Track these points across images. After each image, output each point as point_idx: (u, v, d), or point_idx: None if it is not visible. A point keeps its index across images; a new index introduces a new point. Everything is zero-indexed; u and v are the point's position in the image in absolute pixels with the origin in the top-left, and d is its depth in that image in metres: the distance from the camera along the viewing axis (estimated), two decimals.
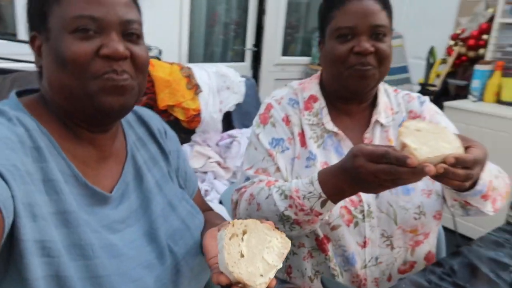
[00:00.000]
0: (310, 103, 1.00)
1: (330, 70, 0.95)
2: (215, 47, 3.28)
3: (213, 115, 2.27)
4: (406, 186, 0.90)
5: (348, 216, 0.90)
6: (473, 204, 0.84)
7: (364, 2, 0.87)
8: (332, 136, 0.97)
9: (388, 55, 0.89)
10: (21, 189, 0.52)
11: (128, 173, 0.73)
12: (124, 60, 0.63)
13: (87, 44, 0.61)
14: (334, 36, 0.89)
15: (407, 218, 0.90)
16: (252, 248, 0.59)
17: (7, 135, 0.55)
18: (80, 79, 0.61)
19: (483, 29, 2.89)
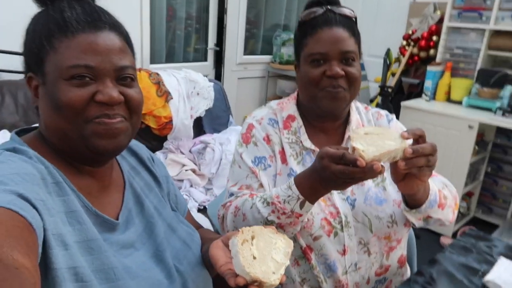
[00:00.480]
0: (289, 122, 1.07)
1: (305, 92, 1.02)
2: (177, 46, 3.23)
3: (184, 121, 2.27)
4: (379, 197, 1.01)
5: (328, 227, 0.98)
6: (433, 216, 0.96)
7: (334, 30, 0.95)
8: (310, 152, 1.04)
9: (357, 78, 0.97)
10: (50, 221, 0.55)
11: (129, 200, 0.77)
12: (118, 104, 0.66)
13: (83, 90, 0.63)
14: (308, 61, 0.97)
15: (381, 227, 1.00)
16: (261, 250, 0.68)
17: (32, 172, 0.58)
18: (73, 123, 0.64)
19: (432, 31, 3.10)
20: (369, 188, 1.02)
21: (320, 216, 0.98)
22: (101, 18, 0.67)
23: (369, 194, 1.01)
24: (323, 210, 0.99)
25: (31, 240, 0.48)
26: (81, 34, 0.64)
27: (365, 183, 1.01)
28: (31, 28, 0.67)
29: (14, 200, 0.50)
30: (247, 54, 3.66)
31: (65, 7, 0.65)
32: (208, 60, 3.40)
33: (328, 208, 0.99)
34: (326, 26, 0.96)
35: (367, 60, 3.80)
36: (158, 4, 2.97)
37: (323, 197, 0.98)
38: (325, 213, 0.98)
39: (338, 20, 0.96)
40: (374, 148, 0.75)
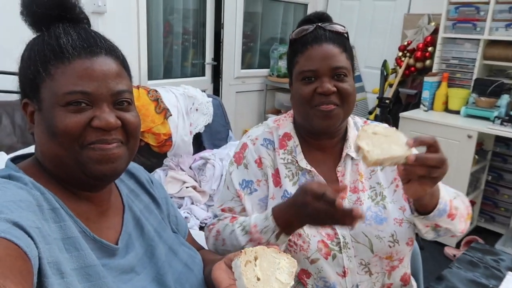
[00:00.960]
0: (285, 141, 1.05)
1: (298, 110, 1.01)
2: (174, 62, 3.24)
3: (184, 138, 2.26)
4: (379, 216, 0.97)
5: (326, 250, 0.95)
6: (442, 225, 0.93)
7: (324, 47, 0.94)
8: (306, 173, 1.02)
9: (350, 93, 0.95)
10: (46, 249, 0.54)
11: (128, 223, 0.76)
12: (115, 129, 0.65)
13: (80, 116, 0.63)
14: (299, 78, 0.97)
15: (382, 246, 0.96)
16: (265, 271, 0.67)
17: (27, 199, 0.57)
18: (69, 149, 0.63)
19: (427, 42, 3.13)
20: (369, 207, 0.99)
21: (317, 238, 0.96)
22: (97, 43, 0.66)
23: (368, 213, 0.98)
24: (319, 232, 0.97)
25: (25, 269, 0.48)
26: (77, 60, 0.63)
27: (364, 202, 0.99)
28: (26, 55, 0.66)
29: (8, 228, 0.49)
30: (244, 68, 3.68)
31: (60, 33, 0.64)
32: (206, 75, 3.41)
33: (325, 229, 0.97)
34: (316, 43, 0.95)
35: (364, 71, 3.83)
36: (154, 19, 2.99)
37: None
38: (321, 235, 0.96)
39: (328, 37, 0.95)
40: (378, 151, 0.75)
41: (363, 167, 1.03)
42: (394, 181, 1.02)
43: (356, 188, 1.00)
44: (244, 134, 1.14)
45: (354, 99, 0.98)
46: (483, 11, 2.74)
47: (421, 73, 3.21)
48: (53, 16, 0.65)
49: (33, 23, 0.66)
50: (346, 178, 1.01)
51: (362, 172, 1.02)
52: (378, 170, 1.03)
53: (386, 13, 3.62)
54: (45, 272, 0.52)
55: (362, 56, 3.82)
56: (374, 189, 1.01)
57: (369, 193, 1.01)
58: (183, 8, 3.19)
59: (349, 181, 1.01)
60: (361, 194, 1.00)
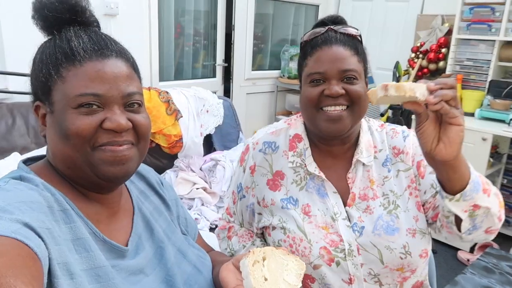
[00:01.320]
0: (295, 142, 1.03)
1: (305, 113, 0.98)
2: (185, 63, 3.25)
3: (194, 139, 2.27)
4: (391, 226, 0.94)
5: (328, 256, 0.93)
6: (481, 204, 0.80)
7: (333, 49, 0.92)
8: (315, 178, 0.99)
9: (360, 95, 0.91)
10: (56, 250, 0.55)
11: (138, 225, 0.76)
12: (126, 131, 0.66)
13: (91, 118, 0.63)
14: (307, 81, 0.94)
15: (393, 258, 0.92)
16: (273, 272, 0.66)
17: (38, 200, 0.58)
18: (81, 150, 0.64)
19: (441, 43, 3.09)
20: (380, 216, 0.95)
21: (320, 244, 0.93)
22: (107, 46, 0.67)
23: (379, 223, 0.94)
24: (323, 238, 0.94)
25: (36, 269, 0.48)
26: (88, 63, 0.64)
27: (374, 211, 0.95)
28: (38, 58, 0.67)
29: (19, 229, 0.50)
30: (255, 69, 3.68)
31: (72, 36, 0.65)
32: (216, 76, 3.42)
33: (330, 236, 0.94)
34: (326, 45, 0.92)
35: (376, 72, 3.79)
36: (166, 21, 3.00)
37: (325, 225, 0.95)
38: (325, 241, 0.94)
39: (339, 39, 0.93)
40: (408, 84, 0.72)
41: (375, 173, 0.99)
42: (408, 188, 0.97)
43: (366, 195, 0.97)
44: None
45: (366, 103, 0.94)
46: (498, 12, 2.69)
47: (434, 74, 3.17)
48: (64, 20, 0.66)
49: (45, 27, 0.67)
50: (356, 185, 0.98)
51: (373, 179, 0.98)
52: (391, 177, 0.98)
53: (398, 14, 3.58)
54: (55, 273, 0.53)
55: (374, 57, 3.78)
56: (387, 196, 0.97)
57: (381, 201, 0.97)
58: (194, 10, 3.20)
59: (359, 188, 0.98)
60: (371, 202, 0.96)
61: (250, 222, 1.10)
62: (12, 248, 0.47)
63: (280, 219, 0.99)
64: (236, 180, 1.10)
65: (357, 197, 0.97)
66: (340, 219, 0.96)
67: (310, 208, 0.98)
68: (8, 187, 0.58)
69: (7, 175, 0.64)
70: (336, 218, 0.95)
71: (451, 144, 0.73)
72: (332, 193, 0.98)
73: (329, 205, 0.97)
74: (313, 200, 0.98)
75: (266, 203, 1.02)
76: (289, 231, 0.97)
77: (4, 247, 0.46)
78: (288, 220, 0.98)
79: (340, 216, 0.96)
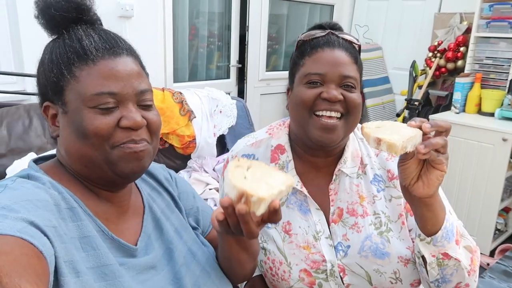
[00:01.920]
0: (277, 154, 0.97)
1: (295, 117, 0.91)
2: (199, 64, 3.27)
3: (207, 140, 2.27)
4: (380, 249, 0.87)
5: (309, 279, 0.90)
6: (451, 254, 0.78)
7: (336, 52, 0.87)
8: (297, 193, 0.94)
9: (357, 104, 0.87)
10: (62, 248, 0.55)
11: (148, 225, 0.76)
12: (142, 128, 0.66)
13: (108, 118, 0.64)
14: (303, 81, 0.88)
15: (382, 281, 0.88)
16: (256, 176, 0.60)
17: (45, 198, 0.58)
18: (100, 149, 0.64)
19: (459, 42, 3.02)
20: (368, 236, 0.89)
21: (299, 267, 0.90)
22: (118, 44, 0.67)
23: (367, 243, 0.88)
24: (304, 260, 0.90)
25: (41, 268, 0.48)
26: (101, 61, 0.64)
27: (362, 230, 0.89)
28: (47, 58, 0.67)
29: (24, 228, 0.50)
30: (269, 70, 3.66)
31: (82, 35, 0.65)
32: (230, 77, 3.42)
33: (312, 256, 0.90)
34: (328, 47, 0.88)
35: (392, 72, 3.74)
36: (180, 23, 3.02)
37: (307, 244, 0.91)
38: (306, 263, 0.90)
39: (341, 43, 0.89)
40: (397, 136, 0.69)
41: (364, 189, 0.92)
42: (400, 217, 0.90)
43: (355, 211, 0.91)
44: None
45: (360, 113, 0.89)
46: None
47: (452, 74, 3.10)
48: (70, 19, 0.66)
49: (50, 26, 0.67)
50: (340, 197, 0.92)
51: (363, 195, 0.92)
52: (381, 198, 0.91)
53: (415, 12, 3.52)
54: (61, 271, 0.53)
55: (390, 57, 3.73)
56: (379, 216, 0.90)
57: (372, 219, 0.90)
58: (209, 12, 3.21)
59: (345, 202, 0.92)
60: (359, 219, 0.90)
61: None
62: (17, 247, 0.47)
63: (261, 238, 0.96)
64: (221, 194, 1.07)
65: (345, 211, 0.92)
66: (322, 237, 0.91)
67: (291, 226, 0.93)
68: (15, 185, 0.59)
69: (16, 174, 0.65)
70: (319, 237, 0.91)
71: (429, 185, 0.72)
72: (315, 210, 0.93)
73: (311, 223, 0.92)
74: (294, 217, 0.93)
75: None
76: (269, 253, 0.94)
77: (9, 246, 0.46)
78: (268, 240, 0.95)
79: (323, 235, 0.91)
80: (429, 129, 0.70)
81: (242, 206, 0.56)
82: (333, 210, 0.92)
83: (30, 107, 1.90)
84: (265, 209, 0.57)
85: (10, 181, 0.60)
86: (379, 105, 3.61)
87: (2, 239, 0.47)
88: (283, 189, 0.59)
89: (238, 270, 0.82)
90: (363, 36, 3.80)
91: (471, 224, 2.57)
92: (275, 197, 0.58)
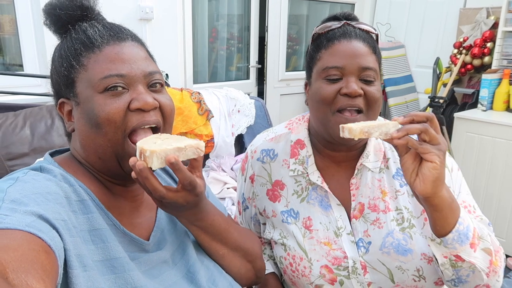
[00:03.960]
0: (297, 149, 0.95)
1: (316, 114, 0.88)
2: (219, 66, 3.28)
3: (226, 139, 2.27)
4: (402, 246, 0.84)
5: (330, 275, 0.87)
6: (464, 257, 0.74)
7: (353, 43, 0.84)
8: (317, 188, 0.92)
9: (377, 98, 0.84)
10: (71, 241, 0.55)
11: (161, 219, 0.75)
12: (154, 110, 0.66)
13: (118, 101, 0.64)
14: (322, 76, 0.85)
15: (405, 278, 0.85)
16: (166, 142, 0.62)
17: (55, 191, 0.58)
18: (114, 138, 0.64)
19: (486, 37, 2.92)
20: (390, 232, 0.86)
21: (320, 263, 0.87)
22: (122, 31, 0.69)
23: (389, 240, 0.85)
24: (325, 256, 0.88)
25: (48, 263, 0.47)
26: (106, 47, 0.65)
27: (384, 225, 0.86)
28: (58, 54, 0.69)
29: (33, 222, 0.50)
30: (290, 70, 3.65)
31: (86, 27, 0.67)
32: (250, 78, 3.42)
33: (334, 252, 0.88)
34: (345, 38, 0.85)
35: (415, 71, 3.65)
36: (200, 25, 3.05)
37: (328, 240, 0.88)
38: (327, 259, 0.87)
39: (358, 34, 0.86)
40: (365, 124, 0.70)
41: (386, 184, 0.90)
42: (423, 213, 0.87)
43: (377, 206, 0.88)
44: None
45: (380, 106, 0.87)
46: None
47: (479, 71, 3.00)
48: (76, 17, 0.68)
49: (58, 28, 0.69)
50: (361, 192, 0.90)
51: (385, 190, 0.89)
52: (405, 192, 0.89)
53: (439, 8, 3.42)
54: (71, 264, 0.53)
55: (413, 55, 3.64)
56: (401, 212, 0.87)
57: (394, 215, 0.87)
58: (228, 14, 3.23)
59: (367, 197, 0.89)
60: (381, 214, 0.88)
61: (258, 232, 1.07)
62: (25, 242, 0.47)
63: (281, 234, 0.94)
64: (240, 190, 1.06)
65: (366, 207, 0.89)
66: (344, 233, 0.88)
67: (311, 221, 0.91)
68: (26, 178, 0.59)
69: (29, 166, 0.65)
70: (340, 233, 0.88)
71: (424, 180, 0.69)
72: (336, 205, 0.90)
73: (332, 219, 0.90)
74: (315, 213, 0.91)
75: (268, 214, 0.97)
76: (289, 248, 0.92)
77: (16, 242, 0.46)
78: (288, 235, 0.93)
79: (344, 231, 0.89)
80: (401, 120, 0.69)
81: (139, 162, 0.59)
82: (354, 206, 0.90)
83: (52, 108, 1.95)
84: (160, 163, 0.59)
85: (21, 174, 0.61)
86: (402, 104, 3.52)
87: (10, 234, 0.47)
88: (182, 147, 0.61)
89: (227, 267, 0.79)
90: (385, 34, 3.73)
91: (499, 225, 2.46)
92: (170, 152, 0.60)
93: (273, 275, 1.01)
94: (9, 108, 2.01)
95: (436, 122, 0.70)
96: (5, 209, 0.50)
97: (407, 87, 3.58)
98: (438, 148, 0.68)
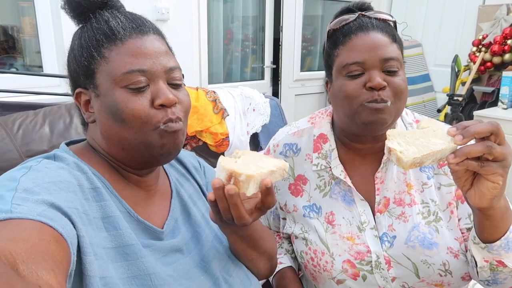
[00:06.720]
0: (320, 143, 0.93)
1: (341, 110, 0.85)
2: (234, 67, 3.30)
3: (241, 137, 2.27)
4: (428, 239, 0.81)
5: (353, 270, 0.85)
6: (507, 263, 0.71)
7: (371, 35, 0.80)
8: (340, 183, 0.90)
9: (403, 88, 0.81)
10: (83, 230, 0.55)
11: (175, 209, 0.75)
12: (174, 106, 0.66)
13: (142, 98, 0.64)
14: (343, 74, 0.82)
15: (430, 273, 0.82)
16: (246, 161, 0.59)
17: (68, 179, 0.58)
18: (140, 132, 0.64)
19: (506, 34, 2.85)
20: (415, 226, 0.83)
21: (343, 258, 0.85)
22: (144, 24, 0.68)
23: (414, 233, 0.82)
24: (347, 251, 0.86)
25: (59, 253, 0.47)
26: (129, 40, 0.64)
27: (409, 219, 0.84)
28: (77, 44, 0.68)
29: (44, 211, 0.50)
30: (304, 70, 3.64)
31: (108, 17, 0.66)
32: (265, 78, 3.42)
33: (356, 247, 0.85)
34: (361, 31, 0.81)
35: (433, 70, 3.59)
36: (215, 27, 3.07)
37: (351, 235, 0.86)
38: (349, 254, 0.85)
39: (375, 24, 0.82)
40: (415, 149, 0.61)
41: (412, 177, 0.87)
42: (449, 205, 0.84)
43: (402, 200, 0.85)
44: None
45: (407, 97, 0.83)
46: None
47: (499, 69, 2.93)
48: (95, 3, 0.68)
49: (77, 15, 0.69)
50: (386, 186, 0.87)
51: (411, 183, 0.86)
52: (431, 185, 0.86)
53: (457, 6, 3.37)
54: (85, 250, 0.53)
55: (431, 53, 3.59)
56: (427, 205, 0.85)
57: (420, 208, 0.84)
58: (243, 16, 3.24)
59: (393, 191, 0.87)
60: (407, 208, 0.85)
61: (277, 226, 1.06)
62: (35, 232, 0.46)
63: (302, 228, 0.92)
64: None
65: (392, 201, 0.86)
66: (367, 228, 0.86)
67: (334, 216, 0.89)
68: (39, 167, 0.59)
69: (43, 155, 0.65)
70: (363, 228, 0.86)
71: (481, 197, 0.63)
72: (360, 200, 0.88)
73: (355, 213, 0.87)
74: (338, 208, 0.89)
75: (289, 208, 0.96)
76: (310, 243, 0.90)
77: (27, 232, 0.46)
78: (310, 230, 0.91)
79: (367, 226, 0.86)
80: (460, 141, 0.59)
81: (231, 186, 0.56)
82: (379, 200, 0.87)
83: (71, 106, 1.98)
84: (255, 188, 0.56)
85: (35, 162, 0.61)
86: (419, 103, 3.47)
87: (21, 224, 0.47)
88: (274, 170, 0.58)
89: (251, 268, 0.80)
90: (401, 33, 3.68)
91: None
92: (265, 176, 0.56)
93: (291, 269, 1.00)
94: (30, 107, 2.05)
95: (502, 133, 0.59)
96: (17, 198, 0.50)
97: (424, 86, 3.53)
98: (502, 165, 0.60)
